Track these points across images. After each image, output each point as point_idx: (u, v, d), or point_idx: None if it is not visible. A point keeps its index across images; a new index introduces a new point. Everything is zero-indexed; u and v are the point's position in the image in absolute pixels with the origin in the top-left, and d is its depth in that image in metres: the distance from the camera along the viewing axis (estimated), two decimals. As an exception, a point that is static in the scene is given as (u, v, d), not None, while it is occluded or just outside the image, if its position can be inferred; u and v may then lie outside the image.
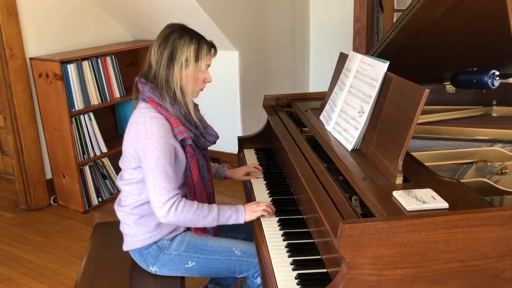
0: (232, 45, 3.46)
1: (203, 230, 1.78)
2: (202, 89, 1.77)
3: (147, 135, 1.61)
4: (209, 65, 1.74)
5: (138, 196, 1.73)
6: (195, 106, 1.85)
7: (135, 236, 1.75)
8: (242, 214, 1.69)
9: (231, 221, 1.69)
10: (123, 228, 1.80)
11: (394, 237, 1.09)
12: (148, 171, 1.61)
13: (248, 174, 2.05)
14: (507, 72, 1.99)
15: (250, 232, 2.00)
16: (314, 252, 1.46)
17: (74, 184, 3.27)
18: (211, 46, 1.73)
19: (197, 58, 1.68)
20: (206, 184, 1.79)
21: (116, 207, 1.82)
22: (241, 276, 1.80)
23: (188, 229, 1.82)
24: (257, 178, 2.02)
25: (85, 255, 1.91)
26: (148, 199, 1.70)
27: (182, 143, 1.68)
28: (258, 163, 2.21)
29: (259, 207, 1.69)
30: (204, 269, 1.75)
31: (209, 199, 1.81)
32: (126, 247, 1.80)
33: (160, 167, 1.60)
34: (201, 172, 1.76)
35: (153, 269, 1.76)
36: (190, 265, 1.74)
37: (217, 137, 1.83)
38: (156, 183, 1.60)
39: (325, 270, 1.37)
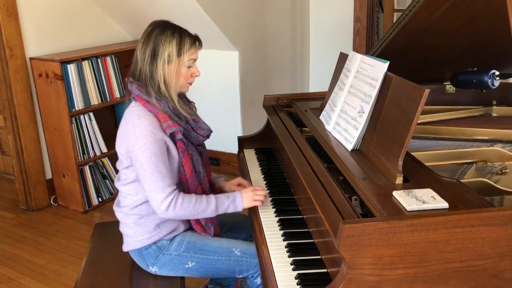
0: (232, 45, 3.46)
1: (204, 229, 1.78)
2: (191, 83, 1.77)
3: (136, 135, 1.62)
4: (195, 59, 1.73)
5: (135, 196, 1.73)
6: (190, 102, 1.84)
7: (134, 236, 1.75)
8: (239, 203, 1.73)
9: (230, 210, 1.73)
10: (122, 228, 1.80)
11: (394, 237, 1.09)
12: (142, 171, 1.62)
13: (240, 185, 1.94)
14: (507, 72, 1.99)
15: (250, 232, 2.00)
16: (314, 252, 1.46)
17: (74, 184, 3.27)
18: (195, 39, 1.72)
19: (179, 53, 1.67)
20: (202, 180, 1.79)
21: (115, 208, 1.82)
22: (241, 276, 1.80)
23: (188, 229, 1.82)
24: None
25: (85, 255, 1.91)
26: (145, 198, 1.71)
27: (173, 137, 1.68)
28: (258, 163, 2.21)
29: (256, 196, 1.73)
30: (204, 269, 1.75)
31: (206, 194, 1.80)
32: (125, 247, 1.80)
33: (152, 166, 1.61)
34: (196, 167, 1.75)
35: (153, 269, 1.76)
36: (190, 265, 1.74)
37: (210, 131, 1.83)
38: (151, 182, 1.61)
39: (325, 270, 1.37)
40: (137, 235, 1.74)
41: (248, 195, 1.74)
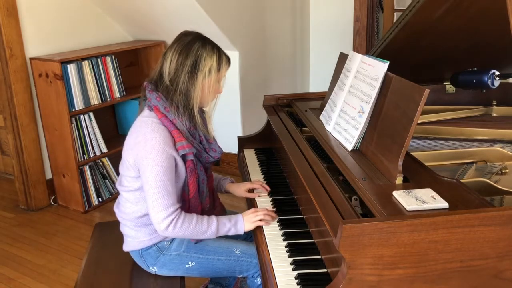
0: (232, 45, 3.46)
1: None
2: (213, 100, 1.76)
3: (146, 149, 1.58)
4: (225, 76, 1.73)
5: (135, 205, 1.71)
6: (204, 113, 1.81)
7: (135, 237, 1.74)
8: (241, 226, 1.68)
9: (231, 233, 1.69)
10: (123, 229, 1.80)
11: (394, 237, 1.09)
12: (147, 187, 1.59)
13: (250, 190, 1.93)
14: (507, 72, 1.99)
15: (250, 232, 1.99)
16: (314, 252, 1.46)
17: (74, 184, 3.27)
18: (228, 57, 1.73)
19: (219, 68, 1.67)
20: (204, 199, 1.76)
21: (115, 210, 1.81)
22: (241, 276, 1.80)
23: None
24: (260, 196, 1.89)
25: (85, 255, 1.91)
26: (146, 210, 1.69)
27: (183, 157, 1.65)
28: (258, 163, 2.21)
29: (256, 217, 1.67)
30: (204, 269, 1.75)
31: (206, 214, 1.76)
32: (126, 247, 1.80)
33: (159, 183, 1.57)
34: (200, 187, 1.73)
35: (153, 270, 1.75)
36: (190, 265, 1.74)
37: (221, 153, 1.80)
38: (154, 199, 1.58)
39: (325, 270, 1.37)
40: (138, 236, 1.74)
41: (249, 217, 1.68)
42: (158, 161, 1.57)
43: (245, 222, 1.68)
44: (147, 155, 1.57)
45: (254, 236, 1.69)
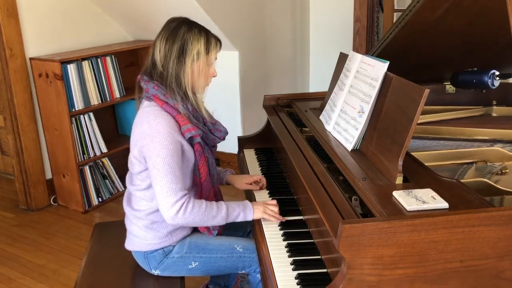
0: (232, 45, 3.46)
1: (208, 229, 1.76)
2: (208, 84, 1.74)
3: (151, 134, 1.56)
4: (216, 59, 1.72)
5: (150, 201, 1.68)
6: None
7: (143, 239, 1.71)
8: (250, 212, 1.67)
9: (239, 219, 1.66)
10: (130, 227, 1.76)
11: (394, 237, 1.09)
12: (154, 171, 1.56)
13: (250, 184, 1.94)
14: (507, 72, 1.99)
15: (249, 228, 1.99)
16: (314, 252, 1.46)
17: (74, 184, 3.27)
18: (217, 39, 1.71)
19: (207, 51, 1.65)
20: (215, 182, 1.76)
21: (126, 207, 1.77)
22: (243, 272, 1.79)
23: (193, 231, 1.80)
24: (260, 189, 1.92)
25: (85, 255, 1.90)
26: None
27: (190, 141, 1.64)
28: (258, 163, 2.21)
29: (267, 210, 1.66)
30: (206, 268, 1.74)
31: (217, 198, 1.78)
32: (130, 246, 1.77)
33: (166, 167, 1.55)
34: (210, 170, 1.72)
35: (155, 272, 1.74)
36: (193, 266, 1.73)
37: (226, 133, 1.80)
38: (162, 184, 1.55)
39: (325, 270, 1.37)
40: (147, 238, 1.70)
41: (260, 208, 1.67)
42: (164, 144, 1.55)
43: (255, 210, 1.67)
44: (153, 139, 1.56)
45: (254, 235, 1.70)
